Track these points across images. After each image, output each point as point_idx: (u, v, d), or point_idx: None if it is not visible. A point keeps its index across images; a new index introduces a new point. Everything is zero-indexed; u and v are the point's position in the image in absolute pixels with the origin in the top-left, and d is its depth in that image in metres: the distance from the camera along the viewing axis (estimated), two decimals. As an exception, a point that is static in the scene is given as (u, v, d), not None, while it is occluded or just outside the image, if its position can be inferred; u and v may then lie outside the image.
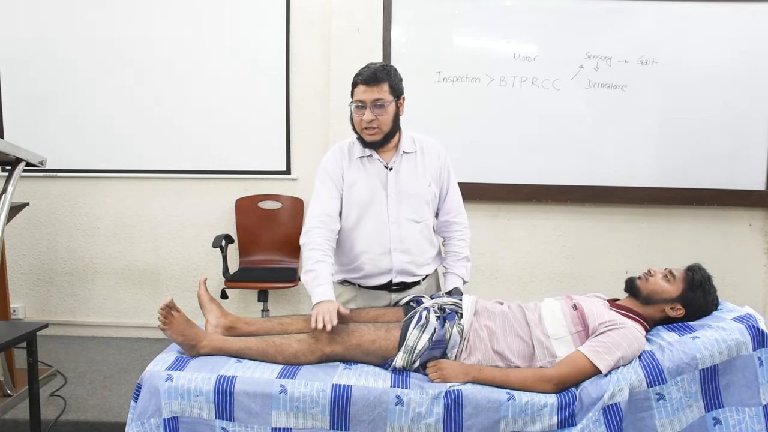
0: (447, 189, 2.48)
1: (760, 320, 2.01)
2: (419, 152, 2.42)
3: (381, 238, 2.36)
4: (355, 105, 2.28)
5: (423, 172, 2.40)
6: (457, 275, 2.50)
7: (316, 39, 3.96)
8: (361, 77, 2.25)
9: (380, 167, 2.37)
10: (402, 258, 2.37)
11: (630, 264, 3.83)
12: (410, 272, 2.41)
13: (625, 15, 3.77)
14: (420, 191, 2.38)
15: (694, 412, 1.93)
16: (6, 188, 2.59)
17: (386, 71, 2.26)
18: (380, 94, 2.24)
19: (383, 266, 2.38)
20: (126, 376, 3.55)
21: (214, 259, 4.06)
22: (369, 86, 2.23)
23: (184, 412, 1.93)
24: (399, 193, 2.36)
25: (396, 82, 2.29)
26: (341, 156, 2.40)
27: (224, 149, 4.07)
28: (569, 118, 3.85)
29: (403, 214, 2.36)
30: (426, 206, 2.41)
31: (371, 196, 2.36)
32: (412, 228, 2.38)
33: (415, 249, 2.40)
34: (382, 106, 2.25)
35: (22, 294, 4.24)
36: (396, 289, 2.43)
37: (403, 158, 2.38)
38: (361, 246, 2.38)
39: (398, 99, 2.31)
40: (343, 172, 2.38)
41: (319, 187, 2.39)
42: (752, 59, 3.77)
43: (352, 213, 2.37)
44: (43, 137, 4.02)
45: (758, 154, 3.84)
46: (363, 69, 2.28)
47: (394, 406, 1.91)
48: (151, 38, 3.99)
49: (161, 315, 2.07)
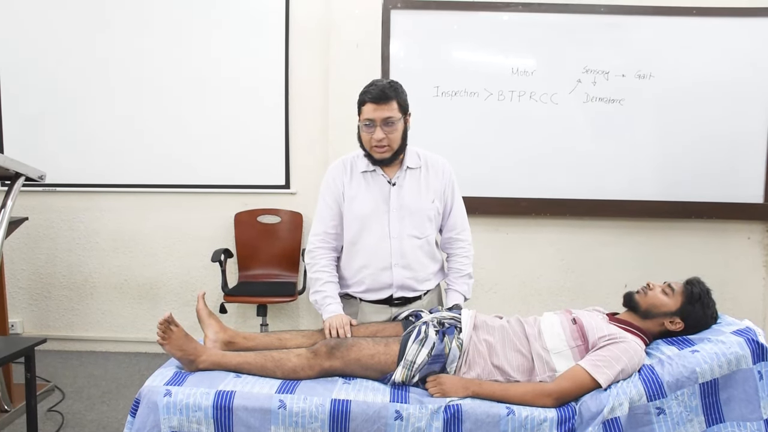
0: (452, 206, 2.48)
1: (760, 334, 2.01)
2: (423, 168, 2.42)
3: (382, 253, 2.36)
4: (364, 123, 2.28)
5: (426, 188, 2.40)
6: (459, 292, 2.49)
7: (316, 54, 3.99)
8: (369, 95, 2.24)
9: (383, 182, 2.38)
10: (402, 273, 2.37)
11: (629, 277, 3.82)
12: (411, 287, 2.41)
13: (622, 29, 3.79)
14: (423, 207, 2.38)
15: (695, 426, 1.92)
16: (5, 203, 2.60)
17: (394, 88, 2.26)
18: (390, 112, 2.24)
19: (384, 281, 2.38)
20: (124, 391, 3.54)
21: (213, 273, 4.06)
22: (378, 104, 2.23)
23: (182, 427, 1.92)
24: (401, 209, 2.36)
25: (403, 98, 2.29)
26: (343, 170, 2.41)
27: (224, 164, 4.08)
28: (567, 132, 3.86)
29: (405, 230, 2.36)
30: (428, 222, 2.40)
31: (372, 211, 2.36)
32: (413, 243, 2.38)
33: (416, 264, 2.40)
34: (392, 124, 2.25)
35: (20, 308, 4.23)
36: (397, 304, 2.42)
37: (407, 174, 2.39)
38: (361, 260, 2.39)
39: (406, 115, 2.32)
40: (344, 186, 2.39)
41: (321, 203, 2.42)
42: (749, 73, 3.79)
43: (353, 227, 2.38)
44: (42, 152, 4.04)
45: (756, 168, 3.85)
46: (370, 87, 2.26)
47: (393, 420, 1.90)
48: (150, 55, 4.02)
49: (160, 330, 2.07)
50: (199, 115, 4.04)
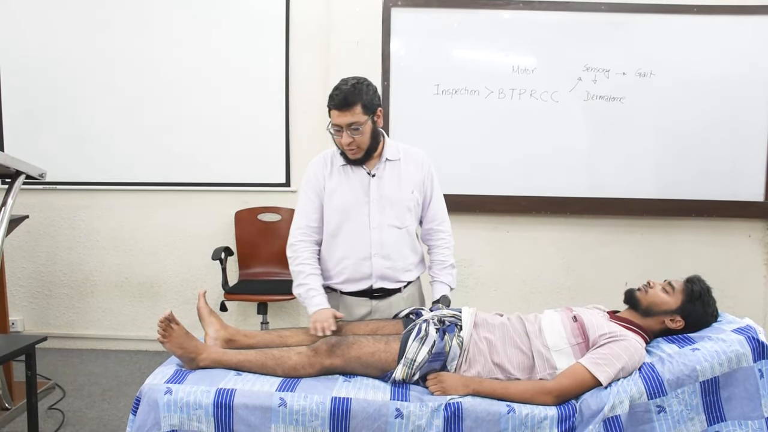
0: (431, 197, 2.51)
1: (760, 332, 2.01)
2: (403, 160, 2.45)
3: (362, 244, 2.39)
4: (333, 128, 2.29)
5: (406, 179, 2.43)
6: (444, 283, 2.52)
7: (316, 52, 3.98)
8: (333, 102, 2.25)
9: (363, 174, 2.40)
10: (382, 263, 2.40)
11: (629, 276, 3.82)
12: (391, 278, 2.43)
13: (623, 27, 3.79)
14: (402, 197, 2.41)
15: (695, 425, 1.92)
16: (6, 201, 2.59)
17: (357, 91, 2.24)
18: (353, 117, 2.24)
19: (363, 271, 2.40)
20: (125, 389, 3.54)
21: (214, 271, 4.06)
22: (342, 111, 2.24)
23: (183, 425, 1.92)
24: (381, 199, 2.39)
25: (368, 99, 2.27)
26: (323, 165, 2.44)
27: (224, 162, 4.08)
28: (568, 130, 3.86)
29: (385, 220, 2.39)
30: (408, 213, 2.43)
31: (353, 203, 2.39)
32: (393, 234, 2.41)
33: (396, 254, 2.42)
34: (357, 129, 2.26)
35: (21, 307, 4.23)
36: (377, 296, 2.44)
37: (386, 165, 2.42)
38: (341, 251, 2.41)
39: (374, 114, 2.31)
40: (324, 180, 2.42)
41: (302, 197, 2.45)
42: (750, 71, 3.79)
43: (333, 219, 2.40)
44: (42, 150, 4.03)
45: (757, 166, 3.85)
46: (335, 92, 2.26)
47: (393, 418, 1.90)
48: (150, 53, 4.01)
49: (160, 328, 2.07)
50: (200, 113, 4.04)
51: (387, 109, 3.83)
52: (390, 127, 3.82)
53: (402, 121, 3.85)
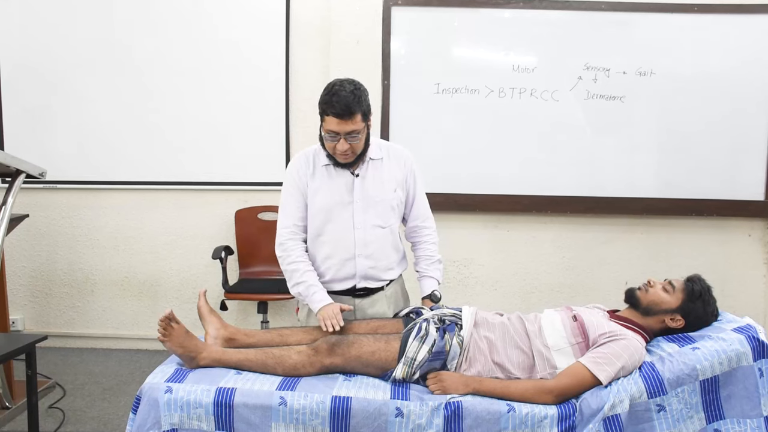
0: (414, 195, 2.50)
1: (760, 331, 2.01)
2: (386, 158, 2.43)
3: (345, 244, 2.38)
4: (327, 134, 2.25)
5: (389, 178, 2.41)
6: (433, 278, 2.52)
7: (316, 51, 3.98)
8: (333, 110, 2.17)
9: (346, 174, 2.38)
10: (365, 263, 2.39)
11: (630, 275, 3.82)
12: (374, 277, 2.43)
13: (623, 26, 3.79)
14: (386, 197, 2.40)
15: (695, 423, 1.93)
16: (6, 200, 2.60)
17: (357, 99, 2.19)
18: (354, 126, 2.20)
19: (347, 271, 2.40)
20: (125, 388, 3.54)
21: (214, 270, 4.05)
22: (343, 120, 2.18)
23: (183, 424, 1.92)
24: (365, 199, 2.37)
25: (366, 105, 2.25)
26: (305, 164, 2.42)
27: (224, 161, 4.07)
28: (568, 129, 3.86)
29: (369, 220, 2.38)
30: (391, 212, 2.42)
31: (336, 203, 2.37)
32: (376, 233, 2.39)
33: (379, 254, 2.41)
34: (356, 136, 2.24)
35: (21, 306, 4.23)
36: (360, 294, 2.44)
37: (369, 165, 2.40)
38: (326, 251, 2.40)
39: (368, 121, 2.28)
40: (307, 179, 2.40)
41: (287, 197, 2.43)
42: (750, 69, 3.79)
43: (317, 219, 2.39)
44: (43, 149, 4.03)
45: (757, 165, 3.85)
46: (333, 98, 2.17)
47: (394, 417, 1.90)
48: (151, 51, 4.01)
49: (161, 327, 2.07)
50: (200, 112, 4.03)
51: (387, 108, 3.83)
52: (390, 126, 3.82)
53: (402, 120, 3.85)
